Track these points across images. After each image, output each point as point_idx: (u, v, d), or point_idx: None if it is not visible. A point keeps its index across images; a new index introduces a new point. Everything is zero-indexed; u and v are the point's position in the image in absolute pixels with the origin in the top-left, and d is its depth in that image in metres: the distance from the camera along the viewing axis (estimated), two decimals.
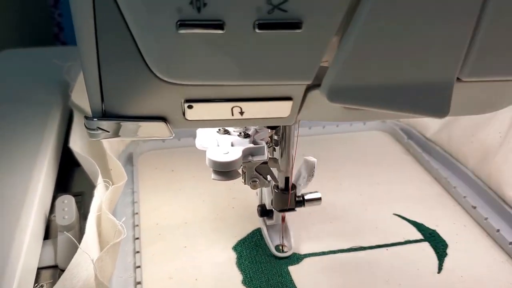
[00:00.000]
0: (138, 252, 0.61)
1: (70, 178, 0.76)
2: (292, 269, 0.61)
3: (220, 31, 0.31)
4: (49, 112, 0.76)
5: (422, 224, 0.70)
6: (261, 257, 0.63)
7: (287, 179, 0.59)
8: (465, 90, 0.37)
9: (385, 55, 0.33)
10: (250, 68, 0.33)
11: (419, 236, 0.67)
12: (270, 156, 0.58)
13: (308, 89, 0.36)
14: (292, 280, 0.59)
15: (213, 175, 0.52)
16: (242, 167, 0.55)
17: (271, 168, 0.57)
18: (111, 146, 0.76)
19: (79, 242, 0.49)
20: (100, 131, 0.36)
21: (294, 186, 0.60)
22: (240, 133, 0.55)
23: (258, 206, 0.66)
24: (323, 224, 0.69)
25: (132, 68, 0.33)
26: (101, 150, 0.68)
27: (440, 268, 0.62)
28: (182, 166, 0.81)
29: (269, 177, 0.57)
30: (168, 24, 0.30)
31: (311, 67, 0.34)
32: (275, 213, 0.65)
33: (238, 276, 0.60)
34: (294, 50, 0.32)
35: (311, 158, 0.59)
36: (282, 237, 0.64)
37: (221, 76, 0.34)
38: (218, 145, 0.53)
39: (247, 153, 0.54)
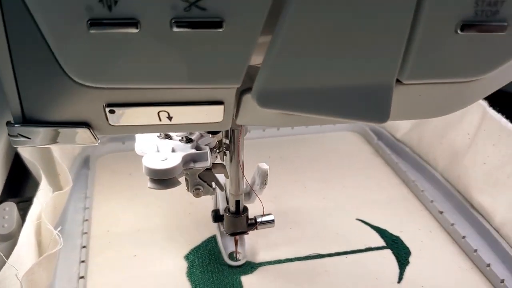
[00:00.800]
0: (83, 261, 0.59)
1: (24, 184, 0.73)
2: (245, 279, 0.58)
3: (134, 30, 0.28)
4: (0, 116, 0.73)
5: (385, 230, 0.67)
6: (214, 266, 0.60)
7: (237, 202, 0.56)
8: (407, 93, 0.34)
9: (316, 57, 0.30)
10: (171, 70, 0.31)
11: (381, 243, 0.65)
12: (217, 162, 0.55)
13: (243, 92, 0.34)
14: None
15: (149, 183, 0.49)
16: (184, 174, 0.52)
17: (218, 175, 0.54)
18: (64, 149, 0.73)
19: None
20: (21, 138, 0.34)
21: (246, 209, 0.57)
22: (182, 137, 0.51)
23: (212, 211, 0.63)
24: (283, 230, 0.66)
25: (48, 72, 0.31)
26: (51, 154, 0.65)
27: (400, 278, 0.59)
28: (140, 169, 0.77)
29: (213, 184, 0.54)
30: (79, 24, 0.28)
31: (237, 69, 0.31)
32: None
33: (187, 287, 0.57)
34: (217, 50, 0.30)
35: (264, 166, 0.56)
36: (236, 245, 0.61)
37: (140, 79, 0.31)
38: (158, 151, 0.50)
39: (189, 159, 0.50)
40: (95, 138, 0.35)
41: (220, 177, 0.55)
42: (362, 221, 0.69)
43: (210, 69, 0.31)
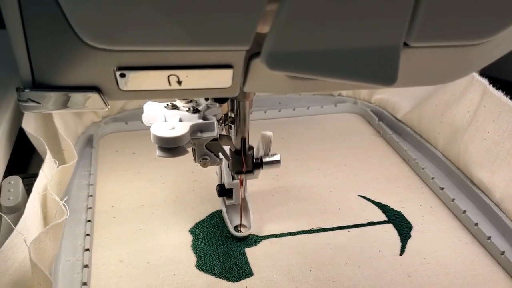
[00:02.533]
0: (88, 235, 0.59)
1: (29, 159, 0.73)
2: (248, 251, 0.59)
3: None
4: (5, 93, 0.73)
5: (387, 206, 0.68)
6: (218, 239, 0.61)
7: (243, 140, 0.55)
8: (414, 57, 0.34)
9: (325, 19, 0.31)
10: (181, 32, 0.31)
11: (383, 217, 0.65)
12: (222, 133, 0.55)
13: (251, 57, 0.34)
14: (248, 262, 0.57)
15: (158, 152, 0.50)
16: (192, 144, 0.52)
17: (224, 146, 0.55)
18: (68, 128, 0.73)
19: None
20: (31, 103, 0.34)
21: (251, 148, 0.57)
22: (190, 108, 0.52)
23: (217, 185, 0.63)
24: (285, 205, 0.67)
25: (59, 35, 0.31)
26: (55, 130, 0.66)
27: (402, 250, 0.60)
28: (143, 148, 0.79)
29: (220, 155, 0.55)
30: None
31: (247, 31, 0.31)
32: (235, 193, 0.63)
33: (192, 259, 0.58)
34: (227, 11, 0.30)
35: (267, 133, 0.57)
36: (241, 216, 0.62)
37: (151, 40, 0.31)
38: (165, 120, 0.51)
39: (196, 129, 0.51)
40: (105, 103, 0.35)
41: (226, 148, 0.56)
42: (364, 197, 0.69)
43: (220, 30, 0.31)
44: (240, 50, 0.33)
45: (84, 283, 0.53)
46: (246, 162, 0.56)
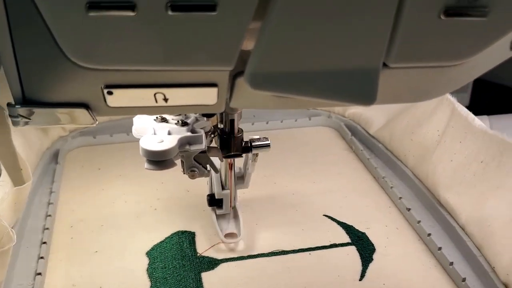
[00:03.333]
0: (42, 258, 0.58)
1: None
2: (205, 275, 0.58)
3: (131, 13, 0.29)
4: None
5: (352, 226, 0.67)
6: (175, 262, 0.60)
7: (232, 122, 0.55)
8: (393, 77, 0.35)
9: (306, 40, 0.31)
10: (166, 52, 0.32)
11: (346, 239, 0.64)
12: (212, 145, 0.56)
13: (236, 75, 0.35)
14: None
15: (146, 165, 0.50)
16: (180, 156, 0.53)
17: (213, 158, 0.56)
18: (31, 144, 0.72)
19: None
20: (21, 118, 0.35)
21: (240, 130, 0.57)
22: (178, 121, 0.53)
23: (208, 195, 0.64)
24: (248, 226, 0.66)
25: (47, 54, 0.32)
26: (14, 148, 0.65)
27: (362, 275, 0.59)
28: (110, 164, 0.78)
29: (208, 167, 0.56)
30: (78, 6, 0.29)
31: (230, 52, 0.32)
32: (225, 203, 0.63)
33: (146, 285, 0.57)
34: (211, 33, 0.31)
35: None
36: (231, 168, 0.61)
37: (137, 60, 0.32)
38: (154, 133, 0.51)
39: (185, 142, 0.52)
40: (93, 119, 0.36)
41: (215, 160, 0.57)
42: (329, 217, 0.68)
43: (204, 51, 0.32)
44: (223, 70, 0.34)
45: None
46: (235, 143, 0.57)
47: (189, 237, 0.64)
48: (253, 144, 0.58)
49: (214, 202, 0.63)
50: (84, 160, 0.79)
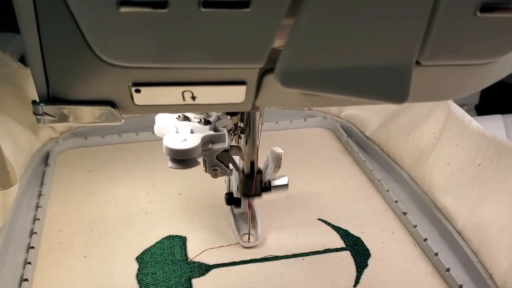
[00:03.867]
0: (29, 263, 0.57)
1: None
2: (196, 282, 0.57)
3: (163, 10, 0.29)
4: None
5: (346, 231, 0.65)
6: (166, 267, 0.58)
7: (252, 164, 0.56)
8: (425, 75, 0.35)
9: (339, 38, 0.31)
10: (197, 49, 0.31)
11: (341, 244, 0.63)
12: (233, 144, 0.56)
13: (264, 73, 0.35)
14: None
15: (170, 163, 0.50)
16: (203, 155, 0.52)
17: (234, 156, 0.55)
18: (20, 146, 0.71)
19: None
20: (46, 116, 0.35)
21: (260, 171, 0.58)
22: (201, 120, 0.52)
23: (226, 194, 0.63)
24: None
25: (75, 51, 0.31)
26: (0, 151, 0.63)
27: (357, 281, 0.58)
28: (101, 166, 0.76)
29: (230, 166, 0.55)
30: (109, 3, 0.28)
31: (261, 49, 0.31)
32: (243, 202, 0.62)
33: None
34: (242, 30, 0.30)
35: (278, 150, 0.57)
36: (250, 207, 0.62)
37: (167, 58, 0.32)
38: (177, 132, 0.51)
39: (207, 141, 0.51)
40: (120, 118, 0.35)
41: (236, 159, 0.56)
42: (324, 221, 0.67)
43: (235, 48, 0.31)
44: (253, 68, 0.34)
45: None
46: (255, 185, 0.58)
47: (180, 241, 0.63)
48: (272, 184, 0.59)
49: (232, 201, 0.63)
50: (75, 162, 0.78)
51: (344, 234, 0.65)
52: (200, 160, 0.53)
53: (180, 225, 0.65)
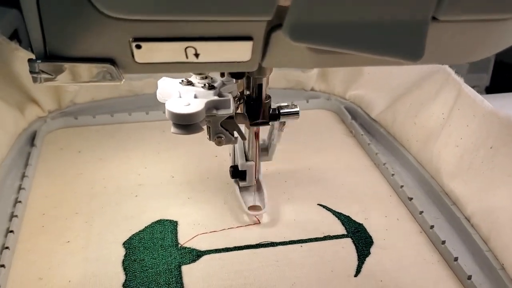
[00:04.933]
0: (7, 248, 0.53)
1: None
2: (186, 269, 0.53)
3: None
4: None
5: (348, 217, 0.61)
6: (155, 254, 0.55)
7: (260, 87, 0.53)
8: (442, 31, 0.34)
9: None
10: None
11: (342, 230, 0.59)
12: (238, 112, 0.53)
13: (271, 30, 0.33)
14: (182, 283, 0.51)
15: (172, 129, 0.48)
16: (206, 121, 0.51)
17: (240, 125, 0.53)
18: (4, 124, 0.67)
19: None
20: (43, 75, 0.33)
21: (268, 96, 0.55)
22: (205, 84, 0.50)
23: (231, 167, 0.62)
24: (236, 215, 0.61)
25: (73, 3, 0.30)
26: None
27: (358, 271, 0.54)
28: (91, 146, 0.73)
29: (235, 134, 0.53)
30: None
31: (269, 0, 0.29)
32: (248, 175, 0.61)
33: (120, 278, 0.52)
34: None
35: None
36: (257, 138, 0.59)
37: (170, 8, 0.30)
38: (180, 97, 0.49)
39: (212, 106, 0.49)
40: (120, 77, 0.34)
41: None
42: (324, 207, 0.63)
43: None
44: (261, 21, 0.32)
45: None
46: (263, 111, 0.55)
47: (171, 226, 0.59)
48: (281, 111, 0.56)
49: (237, 173, 0.61)
50: (64, 142, 0.74)
51: (345, 220, 0.61)
52: (204, 129, 0.51)
53: (172, 209, 0.61)
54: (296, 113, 0.57)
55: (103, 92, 0.80)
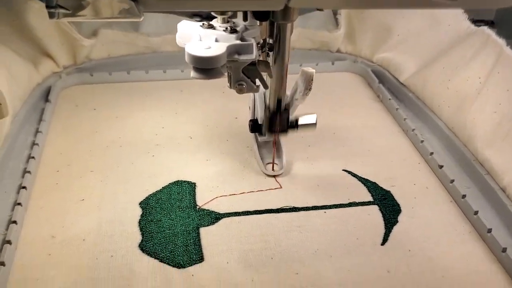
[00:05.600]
0: (19, 204, 0.51)
1: None
2: (204, 231, 0.51)
3: None
4: None
5: (375, 184, 0.58)
6: (172, 215, 0.52)
7: (279, 101, 0.54)
8: None
9: None
10: None
11: (368, 197, 0.56)
12: (260, 59, 0.51)
13: None
14: (201, 244, 0.49)
15: (192, 73, 0.45)
16: (227, 67, 0.48)
17: (262, 73, 0.50)
18: (16, 77, 0.65)
19: None
20: (60, 9, 0.32)
21: (286, 109, 0.55)
22: (227, 28, 0.47)
23: (250, 120, 0.59)
24: (256, 179, 0.58)
25: None
26: None
27: (385, 239, 0.51)
28: (106, 104, 0.70)
29: (257, 82, 0.50)
30: None
31: None
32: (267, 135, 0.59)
33: (136, 238, 0.50)
34: None
35: (309, 69, 0.52)
36: (274, 146, 0.59)
37: None
38: (200, 40, 0.46)
39: (233, 51, 0.46)
40: (139, 14, 0.33)
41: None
42: (349, 172, 0.60)
43: None
44: None
45: (1, 263, 0.45)
46: (280, 121, 0.55)
47: (189, 187, 0.56)
48: (299, 122, 0.56)
49: (256, 127, 0.58)
50: (79, 99, 0.71)
51: (372, 187, 0.58)
52: (225, 75, 0.48)
53: (190, 170, 0.59)
54: (313, 124, 0.56)
55: (119, 48, 0.77)
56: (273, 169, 0.58)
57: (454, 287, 0.46)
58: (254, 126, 0.58)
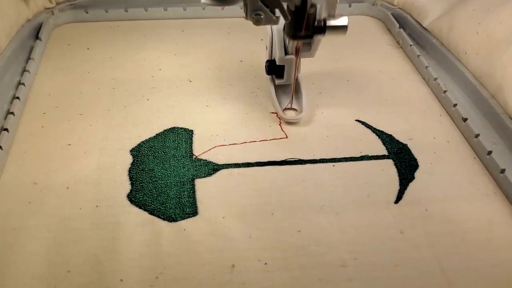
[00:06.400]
0: (0, 147, 0.47)
1: None
2: (200, 182, 0.46)
3: None
4: None
5: (390, 136, 0.53)
6: (166, 164, 0.48)
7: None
8: None
9: None
10: None
11: (383, 151, 0.51)
12: None
13: None
14: (195, 197, 0.45)
15: None
16: None
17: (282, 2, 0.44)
18: (5, 12, 0.59)
19: None
20: None
21: (314, 5, 0.46)
22: None
23: (267, 61, 0.54)
24: (262, 128, 0.53)
25: None
26: None
27: (399, 197, 0.46)
28: (101, 44, 0.65)
29: (277, 12, 0.44)
30: None
31: None
32: (287, 71, 0.53)
33: (125, 188, 0.45)
34: None
35: None
36: (292, 98, 0.54)
37: None
38: None
39: None
40: None
41: None
42: (363, 123, 0.54)
43: None
44: None
45: None
46: (307, 23, 0.46)
47: (186, 135, 0.52)
48: (327, 24, 0.47)
49: (273, 69, 0.54)
50: (72, 37, 0.66)
51: (387, 139, 0.52)
52: (240, 2, 0.44)
53: (187, 117, 0.54)
54: (344, 27, 0.47)
55: None
56: (290, 107, 0.54)
57: (475, 252, 0.41)
58: (271, 68, 0.53)
